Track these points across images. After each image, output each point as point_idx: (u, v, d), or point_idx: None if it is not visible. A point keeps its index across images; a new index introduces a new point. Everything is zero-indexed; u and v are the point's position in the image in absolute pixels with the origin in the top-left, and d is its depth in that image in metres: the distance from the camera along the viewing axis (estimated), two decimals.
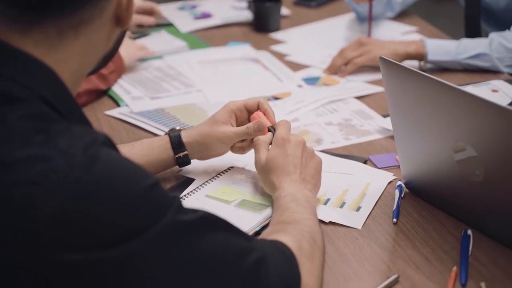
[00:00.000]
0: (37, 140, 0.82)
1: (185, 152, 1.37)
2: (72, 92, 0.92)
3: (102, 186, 0.82)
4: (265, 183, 1.27)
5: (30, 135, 0.83)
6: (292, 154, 1.26)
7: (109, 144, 0.88)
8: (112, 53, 1.00)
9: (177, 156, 1.37)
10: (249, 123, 1.36)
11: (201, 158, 1.40)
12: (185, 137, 1.37)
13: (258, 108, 1.38)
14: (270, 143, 1.30)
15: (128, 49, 1.90)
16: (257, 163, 1.29)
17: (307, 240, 1.07)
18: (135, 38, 2.07)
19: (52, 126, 0.84)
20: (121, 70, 1.87)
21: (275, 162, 1.25)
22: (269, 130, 1.34)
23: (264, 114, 1.37)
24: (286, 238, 1.05)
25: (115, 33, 0.96)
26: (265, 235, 1.10)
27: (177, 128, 1.40)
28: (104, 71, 1.77)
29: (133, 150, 1.35)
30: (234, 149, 1.39)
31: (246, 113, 1.39)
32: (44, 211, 0.79)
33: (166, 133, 1.39)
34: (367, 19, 2.19)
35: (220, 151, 1.39)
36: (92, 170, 0.82)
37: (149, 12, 2.25)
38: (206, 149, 1.38)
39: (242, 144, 1.39)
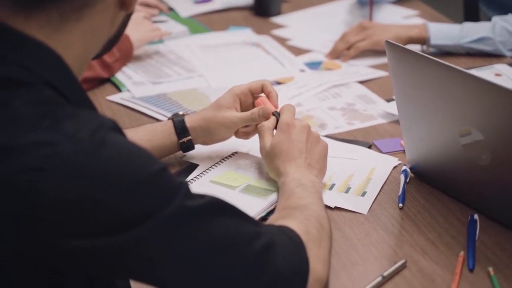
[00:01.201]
0: (43, 125, 0.82)
1: (189, 137, 1.36)
2: (77, 76, 0.91)
3: (108, 171, 0.82)
4: (270, 169, 1.27)
5: (36, 120, 0.82)
6: (297, 139, 1.25)
7: (116, 129, 0.87)
8: (117, 37, 0.98)
9: (181, 141, 1.36)
10: (253, 108, 1.35)
11: (205, 143, 1.39)
12: (188, 122, 1.36)
13: (262, 90, 1.37)
14: (275, 128, 1.30)
15: (140, 29, 1.87)
16: (262, 149, 1.28)
17: (314, 225, 1.06)
18: None
19: (58, 110, 0.84)
20: (128, 57, 1.84)
21: (280, 148, 1.24)
22: (273, 115, 1.33)
23: (268, 96, 1.36)
24: (293, 224, 1.04)
25: (119, 16, 0.95)
26: (272, 221, 1.09)
27: (180, 113, 1.39)
28: (108, 59, 1.75)
29: (136, 136, 1.34)
30: (238, 134, 1.38)
31: (250, 97, 1.38)
32: (49, 196, 0.79)
33: (169, 118, 1.38)
34: (368, 3, 2.17)
35: (224, 136, 1.38)
36: (98, 155, 0.82)
37: (153, 6, 2.22)
38: (210, 134, 1.37)
39: (247, 129, 1.38)
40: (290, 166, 1.22)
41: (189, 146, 1.37)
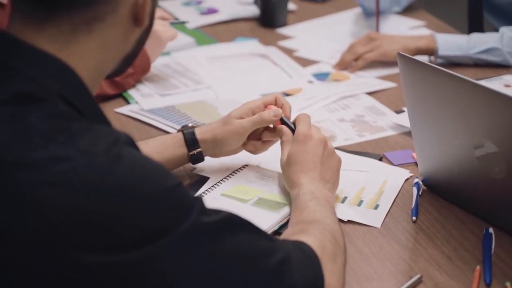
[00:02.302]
0: (58, 140, 0.82)
1: (199, 149, 1.35)
2: (91, 91, 0.91)
3: (123, 187, 0.81)
4: (285, 179, 1.26)
5: (51, 135, 0.82)
6: (312, 152, 1.24)
7: (131, 143, 0.87)
8: (134, 54, 0.98)
9: (191, 153, 1.35)
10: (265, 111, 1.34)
11: (215, 155, 1.39)
12: (199, 134, 1.36)
13: (275, 103, 1.37)
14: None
15: (154, 38, 1.82)
16: (280, 160, 1.28)
17: (329, 240, 1.06)
18: None
19: (73, 125, 0.84)
20: (144, 71, 1.81)
21: (295, 158, 1.24)
22: (282, 122, 1.32)
23: (282, 108, 1.35)
24: (308, 239, 1.03)
25: (134, 33, 0.94)
26: (287, 235, 1.08)
27: (190, 125, 1.39)
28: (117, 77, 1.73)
29: (146, 148, 1.33)
30: (247, 145, 1.37)
31: (263, 107, 1.36)
32: (65, 211, 0.79)
33: (179, 130, 1.38)
34: (374, 14, 2.17)
35: (235, 145, 1.36)
36: (114, 171, 0.81)
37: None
38: (220, 145, 1.36)
39: (256, 142, 1.37)
40: (303, 177, 1.22)
41: (199, 158, 1.36)
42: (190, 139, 1.35)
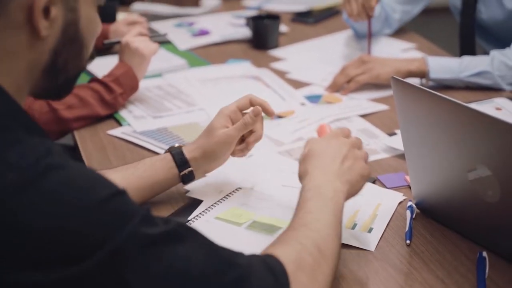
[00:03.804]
0: None
1: (190, 169, 1.35)
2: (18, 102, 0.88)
3: (53, 199, 0.79)
4: (298, 171, 1.18)
5: None
6: (335, 147, 1.16)
7: (65, 154, 0.85)
8: (56, 67, 0.93)
9: (182, 173, 1.35)
10: (245, 115, 1.35)
11: (206, 171, 1.39)
12: (187, 153, 1.35)
13: (251, 104, 1.37)
14: None
15: (138, 56, 1.81)
16: (300, 154, 1.21)
17: (310, 252, 0.99)
18: (107, 45, 2.02)
19: (0, 138, 0.82)
20: (133, 89, 1.81)
21: (314, 149, 1.17)
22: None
23: (261, 106, 1.36)
24: (283, 251, 0.98)
25: (44, 42, 0.90)
26: (272, 241, 1.04)
27: (176, 145, 1.39)
28: (106, 96, 1.73)
29: (136, 172, 1.33)
30: (235, 152, 1.38)
31: (240, 114, 1.37)
32: None
33: (166, 151, 1.37)
34: (365, 36, 2.19)
35: (225, 156, 1.36)
36: (43, 184, 0.80)
37: (133, 24, 2.21)
38: (211, 159, 1.35)
39: (241, 146, 1.37)
40: (317, 168, 1.13)
41: (190, 178, 1.36)
42: (180, 159, 1.35)
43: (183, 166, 1.35)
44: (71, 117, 1.69)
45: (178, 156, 1.35)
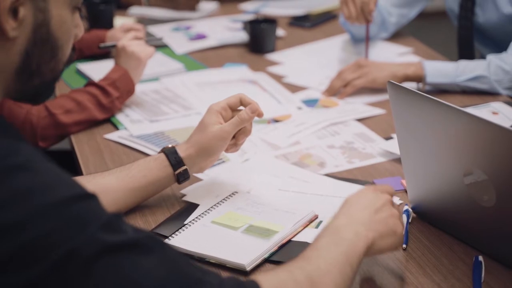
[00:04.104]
0: None
1: (184, 167, 1.35)
2: None
3: (14, 199, 0.78)
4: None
5: None
6: (370, 198, 1.11)
7: (37, 156, 0.83)
8: (28, 68, 0.92)
9: (177, 172, 1.35)
10: (240, 111, 1.36)
11: (201, 169, 1.39)
12: (182, 151, 1.36)
13: (241, 103, 1.38)
14: None
15: (133, 59, 1.81)
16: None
17: (297, 280, 0.95)
18: (102, 48, 2.02)
19: None
20: (129, 92, 1.81)
21: (350, 199, 1.11)
22: None
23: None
24: (267, 277, 0.95)
25: (12, 43, 0.88)
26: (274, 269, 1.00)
27: (170, 145, 1.38)
28: (103, 100, 1.73)
29: (130, 173, 1.33)
30: (228, 148, 1.38)
31: (230, 112, 1.38)
32: None
33: (160, 151, 1.37)
34: (362, 40, 2.19)
35: (219, 152, 1.37)
36: (5, 182, 0.79)
37: (130, 31, 2.21)
38: (207, 155, 1.36)
39: (233, 141, 1.38)
40: (344, 213, 1.08)
41: (185, 177, 1.36)
42: (174, 158, 1.35)
43: (178, 165, 1.35)
44: (69, 122, 1.69)
45: (172, 155, 1.35)
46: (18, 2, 0.87)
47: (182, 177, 1.36)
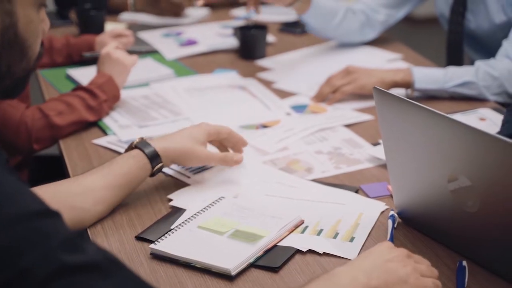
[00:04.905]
0: None
1: (161, 164, 1.40)
2: None
3: None
4: None
5: None
6: (376, 253, 1.08)
7: (6, 168, 0.82)
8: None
9: (155, 169, 1.40)
10: (228, 152, 1.48)
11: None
12: (161, 150, 1.40)
13: (228, 137, 1.48)
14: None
15: (117, 66, 1.84)
16: None
17: None
18: (87, 58, 2.04)
19: None
20: (115, 98, 1.84)
21: (363, 255, 1.09)
22: None
23: (238, 143, 1.51)
24: None
25: None
26: None
27: (139, 139, 1.42)
28: (91, 102, 1.75)
29: (113, 171, 1.35)
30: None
31: (216, 138, 1.47)
32: None
33: (135, 147, 1.39)
34: (350, 45, 2.21)
35: (193, 165, 1.46)
36: None
37: (119, 37, 2.22)
38: (182, 162, 1.44)
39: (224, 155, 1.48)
40: (350, 262, 1.07)
41: (159, 171, 1.42)
42: (152, 156, 1.39)
43: (155, 162, 1.39)
44: (63, 124, 1.71)
45: (150, 154, 1.38)
46: None
47: (157, 172, 1.41)
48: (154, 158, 1.38)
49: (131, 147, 1.40)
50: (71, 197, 1.28)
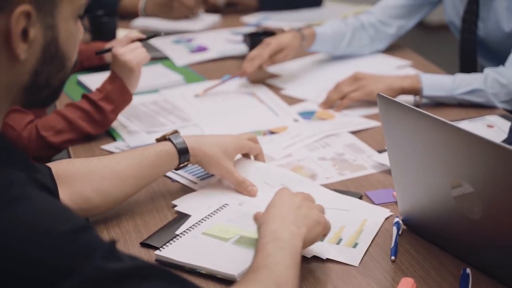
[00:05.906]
0: None
1: (188, 163, 1.44)
2: None
3: (17, 226, 0.79)
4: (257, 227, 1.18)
5: None
6: (288, 197, 1.20)
7: (31, 185, 0.84)
8: (37, 86, 0.91)
9: (181, 166, 1.43)
10: (246, 180, 1.47)
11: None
12: (191, 148, 1.42)
13: (250, 145, 1.50)
14: None
15: (130, 68, 1.78)
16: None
17: None
18: (99, 54, 2.03)
19: None
20: (125, 102, 1.78)
21: (271, 203, 1.19)
22: None
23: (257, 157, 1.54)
24: None
25: (23, 63, 0.88)
26: (235, 283, 1.05)
27: (177, 131, 1.45)
28: (96, 115, 1.72)
29: (143, 162, 1.39)
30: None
31: (247, 153, 1.52)
32: None
33: (167, 139, 1.42)
34: (360, 55, 2.22)
35: (214, 173, 1.50)
36: (6, 215, 0.79)
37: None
38: (205, 166, 1.46)
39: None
40: (272, 217, 1.15)
41: (184, 167, 1.45)
42: (184, 157, 1.42)
43: (184, 158, 1.42)
44: (60, 142, 1.69)
45: (182, 150, 1.41)
46: (28, 24, 0.85)
47: (182, 167, 1.45)
48: (183, 154, 1.41)
49: (164, 138, 1.43)
50: (100, 181, 1.34)
